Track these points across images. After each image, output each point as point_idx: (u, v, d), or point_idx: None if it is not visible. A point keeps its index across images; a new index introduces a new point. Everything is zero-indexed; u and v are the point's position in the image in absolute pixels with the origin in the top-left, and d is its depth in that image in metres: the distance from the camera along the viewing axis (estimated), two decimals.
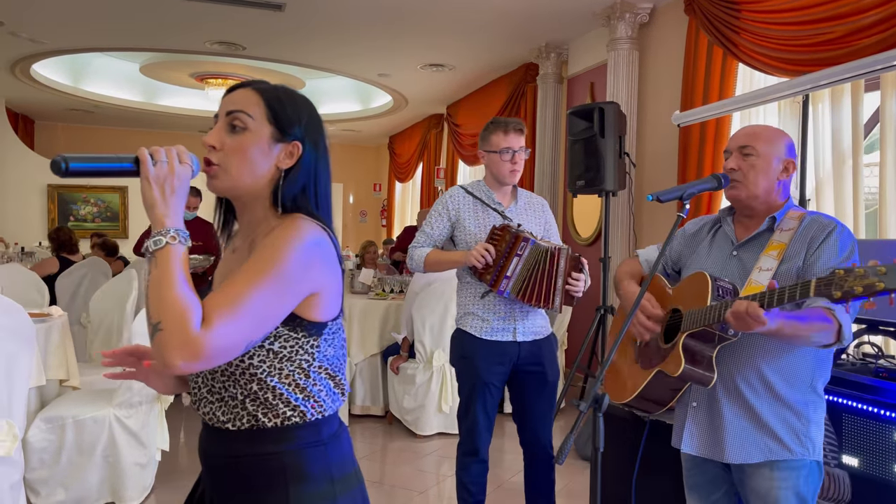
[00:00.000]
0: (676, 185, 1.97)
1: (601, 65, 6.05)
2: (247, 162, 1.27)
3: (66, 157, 1.14)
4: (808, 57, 3.95)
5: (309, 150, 1.31)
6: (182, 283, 1.12)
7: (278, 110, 1.29)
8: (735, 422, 1.87)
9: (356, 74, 8.38)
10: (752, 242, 1.95)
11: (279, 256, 1.17)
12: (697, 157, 4.79)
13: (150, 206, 1.17)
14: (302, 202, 1.30)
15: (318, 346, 1.27)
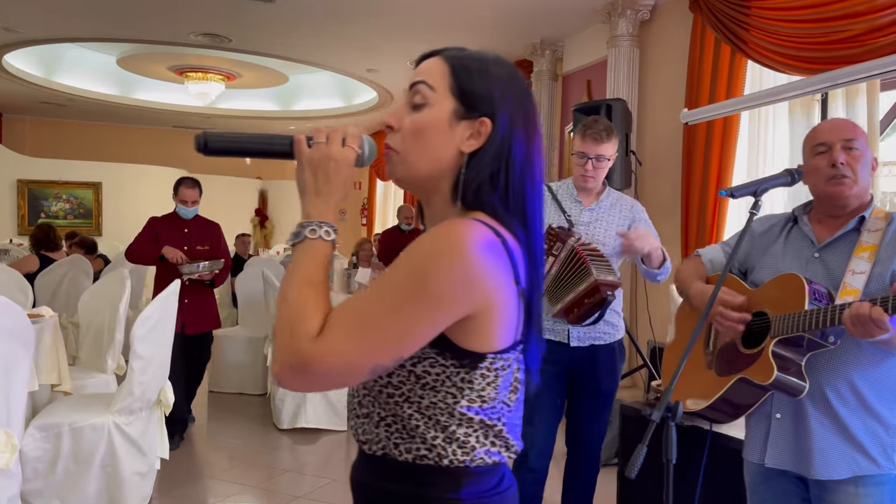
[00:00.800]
0: (749, 181, 1.85)
1: (598, 62, 5.98)
2: (424, 144, 1.05)
3: (207, 133, 1.02)
4: (822, 55, 3.90)
5: (501, 129, 1.05)
6: (307, 285, 0.96)
7: (464, 79, 1.06)
8: (823, 435, 1.76)
9: (344, 69, 8.21)
10: (837, 243, 1.82)
11: (426, 266, 0.95)
12: (704, 155, 4.74)
13: (301, 192, 1.03)
14: (486, 196, 1.04)
15: (469, 382, 1.01)
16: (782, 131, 4.41)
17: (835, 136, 1.83)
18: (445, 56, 1.09)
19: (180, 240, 4.45)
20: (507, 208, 1.04)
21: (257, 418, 5.10)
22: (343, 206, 13.98)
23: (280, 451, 4.49)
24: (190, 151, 7.69)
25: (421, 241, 0.98)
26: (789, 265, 1.87)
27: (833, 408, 1.75)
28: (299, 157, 1.03)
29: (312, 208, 1.01)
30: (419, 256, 0.96)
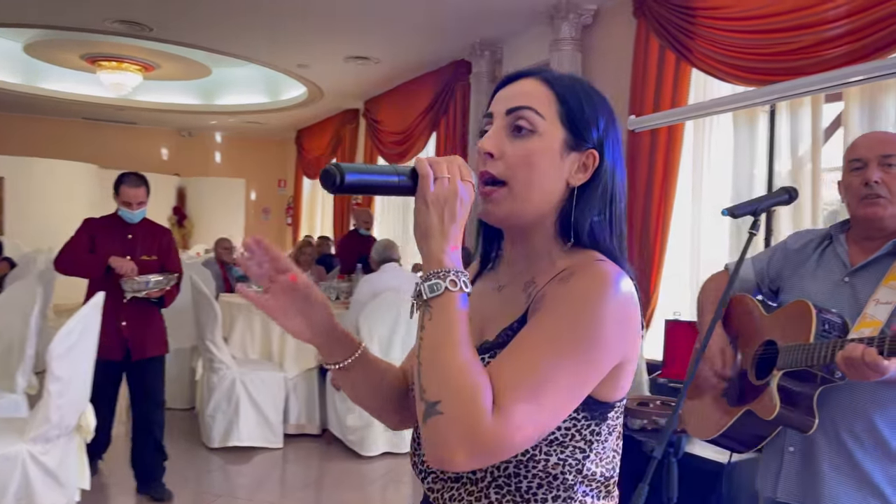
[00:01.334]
0: (749, 200, 1.76)
1: (539, 65, 5.91)
2: (536, 175, 0.97)
3: (341, 167, 0.87)
4: (769, 66, 3.93)
5: (607, 162, 1.00)
6: (467, 349, 0.85)
7: (574, 108, 0.99)
8: (834, 476, 1.66)
9: (273, 64, 7.87)
10: (869, 268, 1.70)
11: (593, 318, 0.88)
12: (648, 164, 4.72)
13: (425, 235, 0.90)
14: (600, 234, 0.99)
15: (598, 435, 0.94)
16: (726, 140, 4.44)
17: (872, 151, 1.70)
18: (545, 80, 1.01)
19: (122, 248, 3.61)
20: (618, 246, 1.00)
21: (184, 436, 4.76)
22: (267, 204, 13.53)
23: (210, 473, 4.20)
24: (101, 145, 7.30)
25: (578, 289, 0.90)
26: (818, 288, 1.76)
27: (848, 449, 1.64)
28: (423, 196, 0.90)
29: (443, 254, 0.89)
30: (583, 306, 0.89)
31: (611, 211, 1.00)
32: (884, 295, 1.60)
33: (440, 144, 7.39)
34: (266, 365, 4.62)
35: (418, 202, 0.90)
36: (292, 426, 4.70)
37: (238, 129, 12.65)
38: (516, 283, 1.03)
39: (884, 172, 1.67)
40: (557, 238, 1.00)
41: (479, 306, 1.03)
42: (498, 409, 0.82)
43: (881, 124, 3.52)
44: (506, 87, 1.02)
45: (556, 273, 0.96)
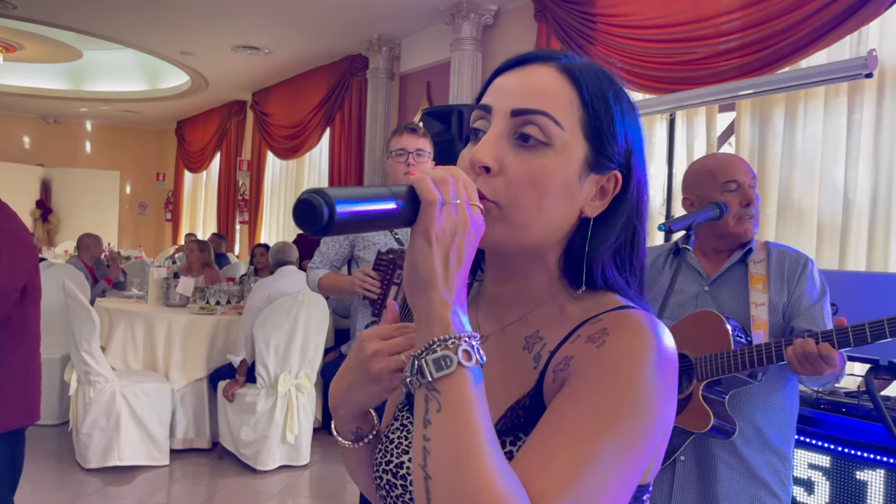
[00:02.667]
0: (684, 215, 1.77)
1: (439, 64, 5.84)
2: (544, 201, 0.73)
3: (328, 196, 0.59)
4: (667, 75, 4.03)
5: (634, 187, 0.78)
6: (497, 452, 0.62)
7: (602, 116, 0.75)
8: (728, 475, 1.74)
9: (153, 50, 7.36)
10: (725, 277, 1.83)
11: (643, 391, 0.67)
12: None
13: (425, 286, 0.65)
14: (618, 276, 0.77)
15: None
16: None
17: (744, 176, 1.84)
18: (567, 70, 0.76)
19: None
20: (637, 286, 0.79)
21: (55, 455, 4.33)
22: (143, 198, 12.73)
23: (87, 496, 3.83)
24: None
25: (617, 354, 0.68)
26: (681, 299, 1.85)
27: (737, 448, 1.74)
28: (425, 230, 0.65)
29: (450, 311, 0.65)
30: (622, 377, 0.67)
31: (633, 246, 0.79)
32: (757, 298, 1.73)
33: (335, 139, 7.18)
34: (150, 376, 4.28)
35: (417, 238, 0.65)
36: (179, 441, 4.38)
37: (112, 117, 11.82)
38: (508, 335, 0.80)
39: (753, 195, 1.82)
40: (563, 278, 0.78)
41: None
42: None
43: (769, 133, 3.69)
44: (510, 73, 0.77)
45: (573, 326, 0.75)
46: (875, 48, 2.96)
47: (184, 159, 11.25)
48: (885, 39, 3.27)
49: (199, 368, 4.37)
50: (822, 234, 3.48)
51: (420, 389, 0.64)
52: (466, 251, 0.66)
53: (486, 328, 0.82)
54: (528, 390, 0.74)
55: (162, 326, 4.35)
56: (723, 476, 1.73)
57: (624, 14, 4.32)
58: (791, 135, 3.61)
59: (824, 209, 3.49)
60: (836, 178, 3.44)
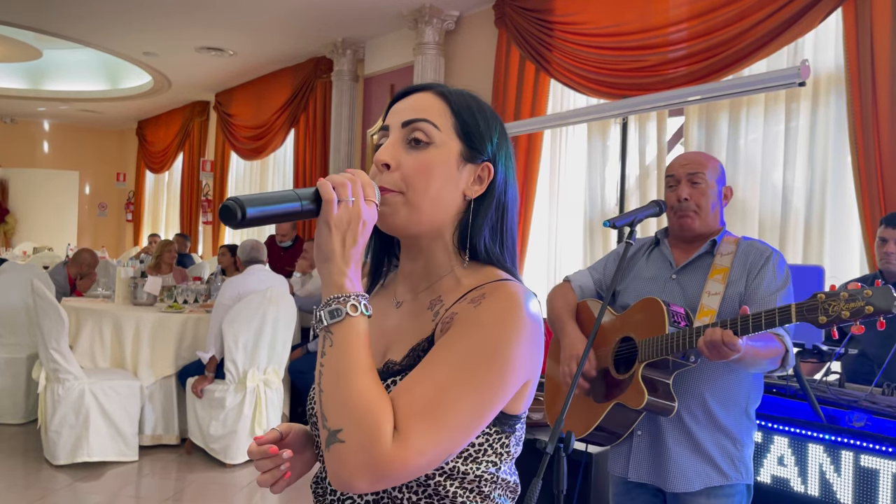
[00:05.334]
0: (626, 212, 1.93)
1: (402, 67, 5.98)
2: (432, 186, 0.97)
3: (241, 201, 0.83)
4: (621, 81, 4.24)
5: (499, 175, 1.01)
6: (369, 376, 0.86)
7: (468, 120, 1.00)
8: (677, 450, 1.88)
9: (115, 50, 7.35)
10: (691, 266, 1.96)
11: (505, 343, 0.89)
12: None
13: (326, 259, 0.89)
14: (495, 248, 1.01)
15: (507, 447, 0.97)
16: (580, 149, 4.72)
17: (681, 170, 1.97)
18: (440, 94, 1.02)
19: None
20: (510, 260, 1.02)
21: (23, 453, 4.36)
22: (103, 199, 12.60)
23: (56, 492, 3.88)
24: None
25: (489, 313, 0.91)
26: (649, 286, 1.99)
27: (686, 424, 1.86)
28: (326, 220, 0.88)
29: (344, 278, 0.88)
30: (493, 329, 0.90)
31: (503, 224, 1.02)
32: (712, 287, 1.87)
33: (299, 141, 7.26)
34: (118, 373, 4.33)
35: (321, 226, 0.88)
36: (148, 437, 4.44)
37: (71, 116, 11.68)
38: (419, 300, 1.02)
39: (692, 188, 1.94)
40: (458, 252, 1.00)
41: (380, 324, 1.04)
42: (398, 436, 0.83)
43: (715, 137, 3.92)
44: (401, 101, 1.02)
45: (464, 292, 0.96)
46: (808, 59, 3.20)
47: (145, 159, 11.18)
48: (819, 51, 3.52)
49: (167, 366, 4.43)
50: (763, 230, 3.72)
51: (322, 332, 0.88)
52: (360, 235, 0.89)
53: (403, 297, 1.06)
54: (425, 337, 0.96)
55: (130, 325, 4.40)
56: (671, 450, 1.87)
57: (579, 22, 4.51)
58: (735, 138, 3.85)
59: (765, 207, 3.73)
60: (776, 179, 3.68)
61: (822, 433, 2.09)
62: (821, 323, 1.50)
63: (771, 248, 1.93)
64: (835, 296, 1.50)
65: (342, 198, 0.88)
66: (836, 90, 3.42)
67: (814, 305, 1.52)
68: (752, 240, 1.97)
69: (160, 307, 4.72)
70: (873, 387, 2.25)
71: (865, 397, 2.16)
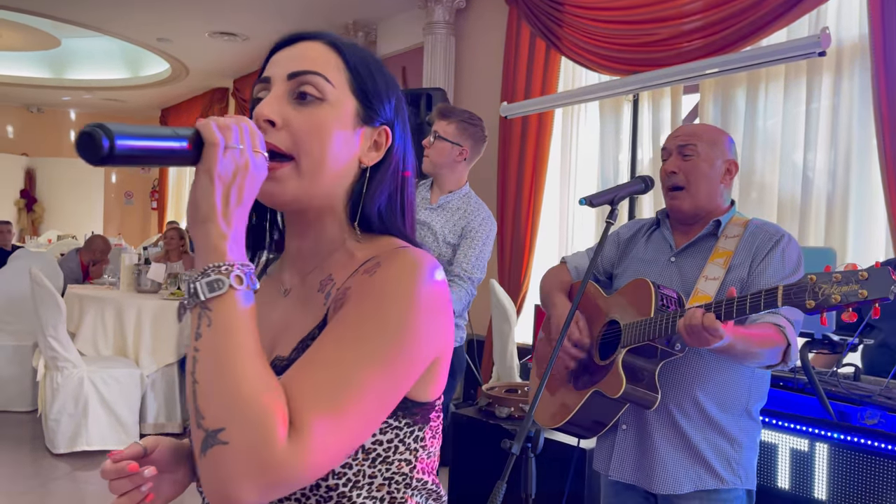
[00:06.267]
0: (606, 189, 1.76)
1: (414, 48, 5.82)
2: (326, 148, 0.83)
3: (109, 128, 0.65)
4: (632, 56, 4.03)
5: (397, 141, 0.90)
6: (257, 361, 0.71)
7: (366, 78, 0.87)
8: (665, 448, 1.71)
9: (129, 37, 7.32)
10: (692, 248, 1.78)
11: (406, 310, 0.77)
12: (519, 151, 4.75)
13: (205, 219, 0.73)
14: (392, 219, 0.89)
15: (422, 441, 0.84)
16: (593, 128, 4.53)
17: (673, 141, 1.79)
18: (333, 45, 0.88)
19: None
20: (411, 232, 0.91)
21: (26, 442, 4.35)
22: (129, 188, 12.69)
23: (56, 481, 3.85)
24: None
25: (385, 279, 0.78)
26: (647, 269, 1.82)
27: (676, 421, 1.70)
28: (209, 169, 0.73)
29: (224, 242, 0.73)
30: (391, 297, 0.77)
31: (402, 195, 0.90)
32: (711, 272, 1.68)
33: None
34: (120, 362, 4.29)
35: (201, 176, 0.73)
36: (150, 426, 4.39)
37: (95, 105, 11.74)
38: (308, 284, 0.89)
39: (682, 162, 1.75)
40: (351, 225, 0.88)
41: (265, 317, 0.89)
42: (294, 431, 0.69)
43: (732, 114, 3.70)
44: (285, 50, 0.87)
45: (358, 265, 0.83)
46: (828, 27, 2.97)
47: None
48: (843, 20, 3.28)
49: (169, 353, 4.38)
50: (782, 212, 3.50)
51: (195, 309, 0.72)
52: (247, 191, 0.75)
53: (290, 282, 0.92)
54: (318, 324, 0.83)
55: (131, 312, 4.35)
56: (659, 448, 1.70)
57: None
58: (752, 115, 3.62)
59: (784, 188, 3.51)
60: (797, 158, 3.46)
61: (830, 431, 1.91)
62: (808, 308, 1.31)
63: (782, 231, 1.73)
64: (826, 277, 1.31)
65: (230, 143, 0.73)
66: (860, 62, 3.18)
67: (802, 287, 1.34)
68: (764, 222, 1.77)
69: (163, 294, 4.67)
70: (890, 379, 2.05)
71: (880, 392, 1.97)
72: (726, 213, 1.78)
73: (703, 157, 1.74)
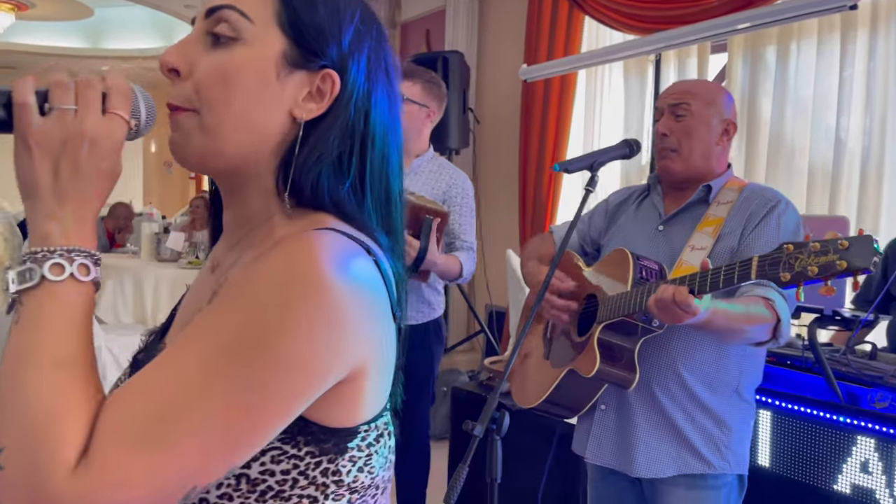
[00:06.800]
0: (585, 154, 1.64)
1: (437, 10, 5.66)
2: (235, 100, 0.69)
3: None
4: (657, 14, 3.82)
5: (356, 89, 0.71)
6: (59, 372, 0.58)
7: (300, 7, 0.70)
8: (647, 430, 1.60)
9: (155, 3, 7.31)
10: (681, 216, 1.66)
11: (268, 319, 0.59)
12: (542, 115, 4.59)
13: (27, 195, 0.62)
14: (333, 189, 0.70)
15: (335, 474, 0.66)
16: (617, 92, 4.35)
17: (665, 100, 1.65)
18: None
19: None
20: (363, 206, 0.72)
21: None
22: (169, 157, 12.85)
23: None
24: None
25: (253, 277, 0.62)
26: (635, 238, 1.70)
27: (659, 401, 1.59)
28: (23, 135, 0.62)
29: (52, 224, 0.61)
30: (254, 303, 0.60)
31: (362, 156, 0.71)
32: (698, 241, 1.55)
33: None
34: (138, 329, 4.33)
35: (17, 145, 0.62)
36: None
37: (133, 75, 11.81)
38: (223, 265, 0.76)
39: (674, 122, 1.62)
40: (277, 195, 0.71)
41: (187, 302, 0.79)
42: (86, 461, 0.56)
43: (762, 75, 3.48)
44: None
45: (267, 248, 0.67)
46: None
47: None
48: None
49: None
50: (813, 178, 3.30)
51: (15, 308, 0.61)
52: (86, 162, 0.62)
53: (217, 257, 0.79)
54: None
55: (149, 281, 4.39)
56: (641, 429, 1.60)
57: None
58: (783, 75, 3.40)
59: (816, 153, 3.30)
60: (829, 120, 3.24)
61: (835, 414, 1.77)
62: (783, 281, 1.18)
63: (780, 196, 1.59)
64: (804, 247, 1.17)
65: (56, 104, 0.62)
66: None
67: (777, 258, 1.20)
68: (761, 186, 1.64)
69: (182, 263, 4.69)
70: None
71: (894, 373, 1.82)
72: (720, 178, 1.64)
73: (698, 116, 1.61)
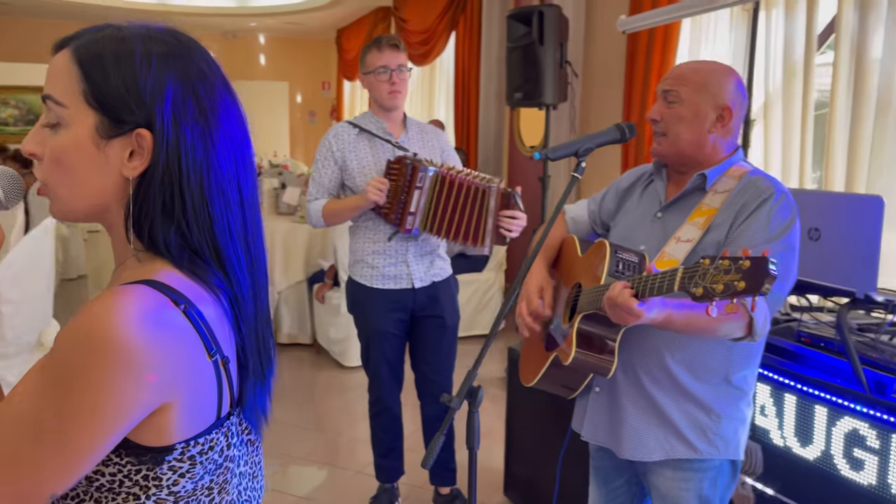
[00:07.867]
0: (572, 140, 1.65)
1: None
2: (69, 176, 0.80)
3: None
4: None
5: (164, 137, 0.79)
6: None
7: (99, 80, 0.78)
8: (634, 415, 1.63)
9: None
10: (678, 204, 1.63)
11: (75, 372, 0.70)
12: (644, 68, 4.43)
13: None
14: (163, 235, 0.79)
15: (156, 479, 0.78)
16: (722, 43, 4.10)
17: (660, 85, 1.62)
18: (74, 49, 0.80)
19: None
20: (193, 248, 0.80)
21: None
22: (312, 107, 13.53)
23: None
24: None
25: (66, 335, 0.72)
26: (634, 225, 1.71)
27: (645, 387, 1.61)
28: None
29: None
30: (64, 358, 0.71)
31: (182, 199, 0.78)
32: (685, 232, 1.51)
33: (459, 46, 7.13)
34: None
35: None
36: (284, 335, 4.89)
37: (280, 30, 12.51)
38: None
39: (665, 108, 1.59)
40: (128, 241, 0.81)
41: None
42: None
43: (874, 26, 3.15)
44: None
45: None
46: None
47: (342, 68, 11.72)
48: None
49: (298, 272, 4.78)
50: None
51: None
52: None
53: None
54: None
55: (266, 233, 4.75)
56: (629, 413, 1.64)
57: None
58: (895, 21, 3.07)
59: None
60: None
61: (855, 403, 1.71)
62: (696, 295, 1.15)
63: (778, 186, 1.51)
64: (716, 262, 1.15)
65: None
66: None
67: (694, 272, 1.17)
68: (759, 175, 1.55)
69: (295, 218, 5.05)
70: None
71: None
72: (719, 165, 1.58)
73: (687, 103, 1.55)
